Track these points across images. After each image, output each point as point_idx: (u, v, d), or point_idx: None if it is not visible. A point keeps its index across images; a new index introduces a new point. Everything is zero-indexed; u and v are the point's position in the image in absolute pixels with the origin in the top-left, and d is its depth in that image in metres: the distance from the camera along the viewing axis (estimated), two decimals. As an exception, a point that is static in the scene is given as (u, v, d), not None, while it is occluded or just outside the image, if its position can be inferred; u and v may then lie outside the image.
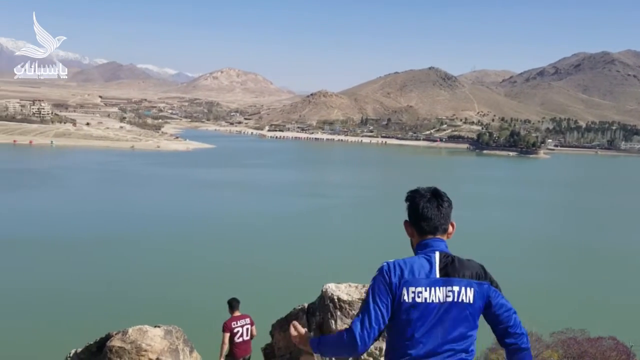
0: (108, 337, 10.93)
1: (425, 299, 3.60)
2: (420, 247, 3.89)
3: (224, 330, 10.02)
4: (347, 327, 3.77)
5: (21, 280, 60.83)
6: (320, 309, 10.99)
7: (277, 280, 63.31)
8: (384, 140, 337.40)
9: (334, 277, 13.96)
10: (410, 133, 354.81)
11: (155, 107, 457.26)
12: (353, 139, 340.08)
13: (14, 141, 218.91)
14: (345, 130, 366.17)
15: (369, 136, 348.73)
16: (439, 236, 3.86)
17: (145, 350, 10.57)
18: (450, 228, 3.94)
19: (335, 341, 3.85)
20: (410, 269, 3.69)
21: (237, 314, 10.41)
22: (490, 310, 3.74)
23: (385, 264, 3.87)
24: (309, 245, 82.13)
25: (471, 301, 3.63)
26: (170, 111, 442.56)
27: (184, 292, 58.68)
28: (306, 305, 11.47)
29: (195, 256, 73.26)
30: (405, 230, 4.15)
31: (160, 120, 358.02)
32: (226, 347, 9.84)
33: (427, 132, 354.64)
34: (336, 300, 10.74)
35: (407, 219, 4.12)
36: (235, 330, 9.75)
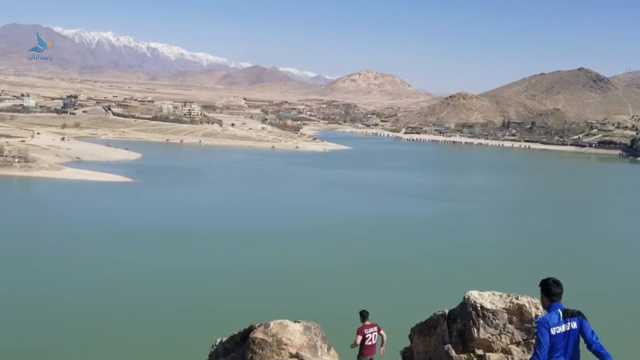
0: (251, 328, 11.32)
1: (559, 331, 6.88)
2: (552, 307, 7.07)
3: (358, 334, 11.57)
4: (490, 336, 6.43)
5: (178, 268, 65.25)
6: (461, 316, 10.63)
7: (415, 283, 62.67)
8: (527, 144, 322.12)
9: (474, 283, 13.50)
10: (556, 137, 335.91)
11: (295, 109, 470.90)
12: (493, 142, 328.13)
13: (167, 140, 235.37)
14: (485, 133, 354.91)
15: (511, 140, 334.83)
16: (558, 301, 7.09)
17: (286, 344, 10.80)
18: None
19: None
20: (552, 319, 6.92)
21: (367, 322, 11.80)
22: (582, 332, 7.00)
23: (541, 319, 7.06)
24: (448, 250, 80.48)
25: (574, 327, 6.95)
26: (309, 113, 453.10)
27: (321, 289, 59.84)
28: (447, 311, 11.16)
29: (333, 255, 74.41)
30: (542, 299, 7.29)
31: (299, 122, 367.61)
32: (357, 346, 11.36)
33: (575, 137, 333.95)
34: (479, 308, 10.33)
35: (542, 293, 7.20)
36: (367, 336, 11.33)
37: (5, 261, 66.11)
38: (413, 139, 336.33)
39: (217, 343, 12.10)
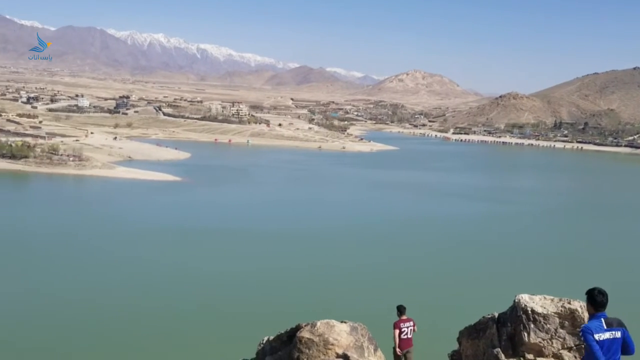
0: (298, 328, 11.36)
1: (603, 338, 7.13)
2: (595, 316, 7.35)
3: (394, 328, 11.92)
4: (541, 340, 7.42)
5: (225, 267, 66.22)
6: (511, 320, 10.44)
7: (464, 286, 61.92)
8: (580, 145, 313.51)
9: (525, 287, 13.23)
10: (610, 138, 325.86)
11: (341, 109, 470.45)
12: (545, 143, 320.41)
13: (215, 140, 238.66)
14: (536, 134, 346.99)
15: (563, 141, 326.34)
16: (603, 311, 7.36)
17: (332, 344, 10.80)
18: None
19: None
20: (595, 327, 7.18)
21: (403, 317, 12.10)
22: (625, 342, 7.36)
23: (585, 326, 7.34)
24: (497, 253, 79.25)
25: (619, 336, 7.27)
26: (355, 113, 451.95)
27: (367, 290, 59.69)
28: (496, 314, 10.97)
29: (379, 256, 74.12)
30: (587, 307, 7.59)
31: (346, 122, 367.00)
32: (397, 341, 11.64)
33: (630, 138, 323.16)
34: (530, 312, 10.13)
35: (588, 301, 7.51)
36: (403, 330, 11.67)
37: (60, 257, 68.30)
38: (461, 140, 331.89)
39: (264, 341, 12.20)
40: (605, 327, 7.21)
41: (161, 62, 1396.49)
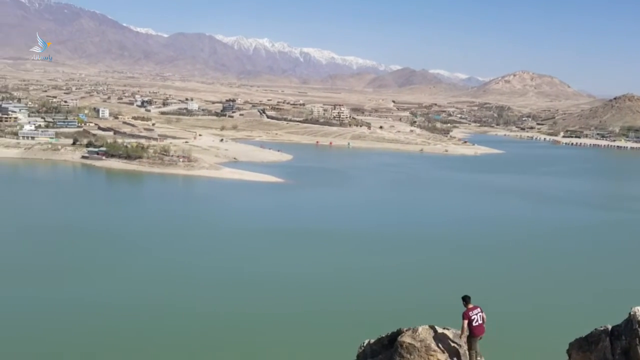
0: (399, 332, 11.32)
1: None
2: None
3: (463, 318, 11.77)
4: None
5: (327, 267, 67.09)
6: (626, 334, 9.88)
7: (574, 296, 59.41)
8: None
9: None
10: None
11: (444, 111, 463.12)
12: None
13: (317, 142, 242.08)
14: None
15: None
16: None
17: (435, 351, 10.69)
18: None
19: None
20: None
21: (470, 306, 12.06)
22: None
23: None
24: (610, 263, 75.20)
25: None
26: (459, 115, 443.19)
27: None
28: (609, 327, 10.43)
29: (484, 263, 72.44)
30: None
31: (449, 125, 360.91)
32: (466, 330, 11.59)
33: None
34: (648, 326, 9.57)
35: None
36: (472, 318, 11.65)
37: (171, 251, 71.81)
38: (572, 143, 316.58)
39: (364, 344, 12.24)
40: None
41: (266, 66, 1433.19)
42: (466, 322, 11.92)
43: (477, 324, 12.00)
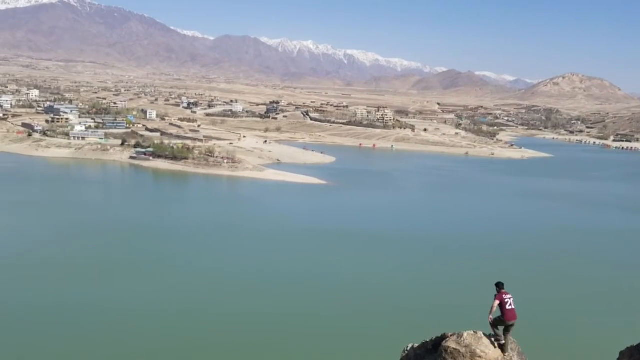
0: (443, 337, 11.05)
1: None
2: None
3: (495, 298, 11.86)
4: None
5: (370, 270, 66.79)
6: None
7: (623, 305, 57.81)
8: None
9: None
10: None
11: (491, 114, 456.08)
12: None
13: (360, 144, 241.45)
14: None
15: None
16: None
17: (480, 357, 10.38)
18: None
19: None
20: None
21: (503, 291, 12.08)
22: None
23: None
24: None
25: None
26: (506, 118, 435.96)
27: (522, 305, 57.18)
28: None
29: (534, 270, 71.03)
30: None
31: (495, 128, 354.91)
32: (495, 310, 11.68)
33: None
34: None
35: None
36: (505, 301, 11.76)
37: (220, 250, 72.59)
38: (623, 148, 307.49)
39: (408, 348, 12.01)
40: None
41: (309, 68, 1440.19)
42: (497, 302, 11.88)
43: (510, 307, 11.97)
